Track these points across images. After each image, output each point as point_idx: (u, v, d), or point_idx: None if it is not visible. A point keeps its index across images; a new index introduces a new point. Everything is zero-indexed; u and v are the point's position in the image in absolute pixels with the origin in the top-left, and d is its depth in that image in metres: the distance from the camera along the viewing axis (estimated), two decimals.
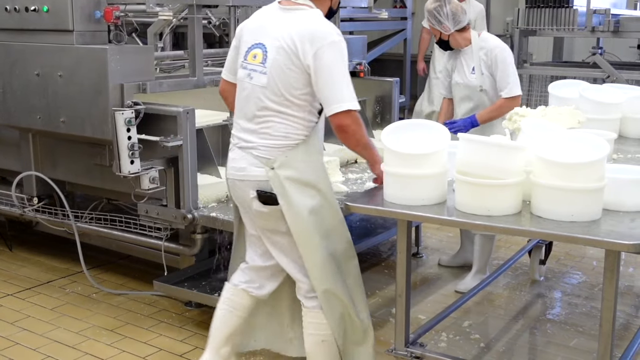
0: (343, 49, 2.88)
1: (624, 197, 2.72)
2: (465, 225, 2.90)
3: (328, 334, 3.06)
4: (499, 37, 4.75)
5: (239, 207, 3.19)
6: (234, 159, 3.08)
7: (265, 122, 2.95)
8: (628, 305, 4.46)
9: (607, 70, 7.49)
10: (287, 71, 2.87)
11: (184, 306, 4.31)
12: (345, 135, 2.92)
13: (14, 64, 4.37)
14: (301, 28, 2.87)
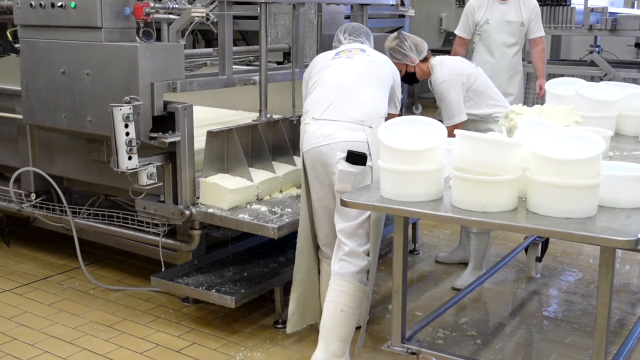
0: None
1: (619, 194, 2.72)
2: (461, 221, 2.91)
3: (348, 305, 3.36)
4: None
5: (315, 181, 3.53)
6: (318, 128, 3.46)
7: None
8: (624, 302, 4.48)
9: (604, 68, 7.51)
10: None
11: (181, 302, 4.33)
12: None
13: (39, 61, 4.26)
14: None
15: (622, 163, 3.10)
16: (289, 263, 4.24)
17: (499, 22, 5.64)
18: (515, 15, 5.62)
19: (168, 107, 3.94)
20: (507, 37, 5.66)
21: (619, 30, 7.52)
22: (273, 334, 3.97)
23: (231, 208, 3.92)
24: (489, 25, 5.64)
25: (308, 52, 5.28)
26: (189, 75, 4.36)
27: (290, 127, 4.50)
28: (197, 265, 4.20)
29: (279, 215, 3.84)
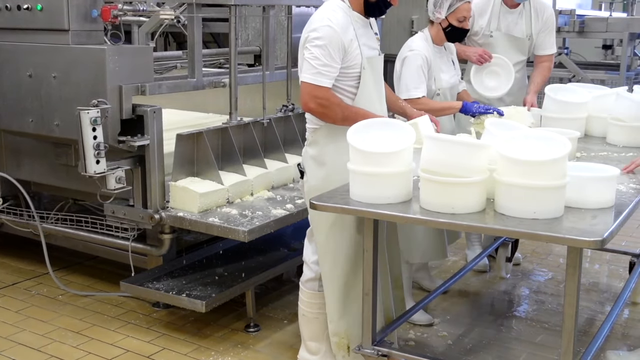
0: (324, 34, 3.05)
1: (585, 195, 2.75)
2: (429, 223, 2.91)
3: (307, 310, 3.44)
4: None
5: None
6: None
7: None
8: (593, 301, 4.52)
9: (572, 70, 7.58)
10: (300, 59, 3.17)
11: (151, 307, 4.29)
12: (315, 116, 3.16)
13: (5, 64, 4.21)
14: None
15: (589, 164, 3.14)
16: (260, 266, 4.24)
17: (505, 35, 4.59)
18: (525, 27, 4.61)
19: (137, 110, 3.92)
20: (514, 54, 4.61)
21: (587, 32, 7.59)
22: (244, 338, 3.95)
23: (201, 211, 3.90)
24: (492, 39, 4.57)
25: (279, 55, 5.28)
26: (158, 78, 4.34)
27: (261, 130, 4.49)
28: (168, 270, 4.17)
29: (250, 219, 3.82)
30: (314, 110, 3.13)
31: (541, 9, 4.63)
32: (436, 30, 3.87)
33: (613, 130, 3.93)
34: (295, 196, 4.23)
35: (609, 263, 5.25)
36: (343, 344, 3.33)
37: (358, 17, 3.22)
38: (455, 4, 3.77)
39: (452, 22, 3.81)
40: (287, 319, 4.17)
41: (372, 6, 3.23)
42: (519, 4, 4.54)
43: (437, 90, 3.89)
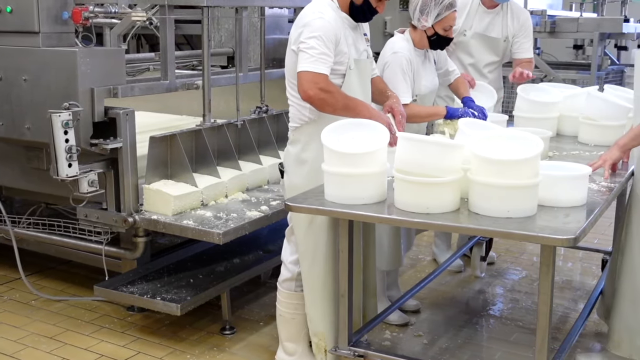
0: (318, 26, 3.07)
1: (558, 193, 2.78)
2: (404, 223, 2.93)
3: (284, 311, 3.46)
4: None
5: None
6: None
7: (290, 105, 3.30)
8: (567, 299, 4.57)
9: (544, 69, 7.66)
10: (288, 57, 3.19)
11: (126, 311, 4.26)
12: (314, 105, 3.12)
13: None
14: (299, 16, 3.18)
15: (561, 163, 3.17)
16: (235, 268, 4.22)
17: (479, 35, 4.60)
18: (502, 29, 4.60)
19: (109, 112, 3.88)
20: (488, 54, 4.66)
21: (558, 32, 7.68)
22: (220, 341, 3.93)
23: (175, 214, 3.87)
24: (464, 37, 4.58)
25: (252, 56, 5.27)
26: (130, 80, 4.30)
27: (235, 132, 4.48)
28: (142, 273, 4.14)
29: (224, 221, 3.81)
30: (314, 98, 3.05)
31: (518, 13, 4.64)
32: (419, 37, 3.79)
33: (584, 129, 3.98)
34: (270, 198, 4.22)
35: (582, 261, 5.31)
36: (321, 347, 3.33)
37: (346, 17, 3.23)
38: (443, 13, 3.69)
39: (438, 30, 3.74)
40: (263, 321, 4.16)
41: (357, 10, 3.24)
42: (497, 4, 4.54)
43: (414, 96, 3.87)
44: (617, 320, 3.45)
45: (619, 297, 3.44)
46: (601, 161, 3.23)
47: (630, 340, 3.39)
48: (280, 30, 5.48)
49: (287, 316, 3.47)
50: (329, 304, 3.29)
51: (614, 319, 3.48)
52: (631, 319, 3.37)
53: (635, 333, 3.36)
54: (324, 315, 3.31)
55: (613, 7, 9.16)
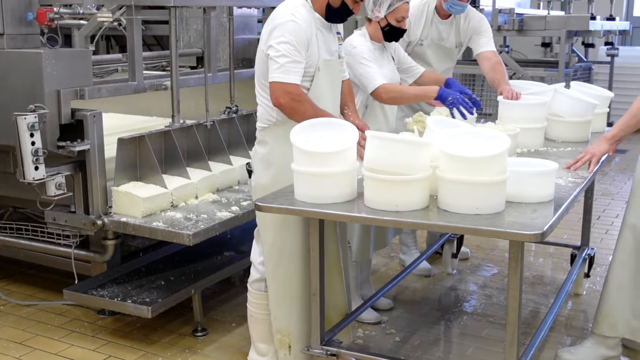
0: (289, 29, 3.05)
1: (525, 189, 2.80)
2: (374, 221, 2.93)
3: (254, 311, 3.45)
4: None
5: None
6: None
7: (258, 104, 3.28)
8: (538, 294, 4.61)
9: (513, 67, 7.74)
10: (259, 57, 3.18)
11: (96, 315, 4.21)
12: (285, 113, 3.12)
13: None
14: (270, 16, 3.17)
15: (528, 159, 3.19)
16: (207, 270, 4.20)
17: (435, 44, 4.55)
18: (455, 37, 4.59)
19: (76, 114, 3.84)
20: (443, 62, 4.62)
21: (526, 30, 7.76)
22: (192, 343, 3.91)
23: (145, 216, 3.84)
24: (422, 47, 4.51)
25: (221, 57, 5.25)
26: (98, 82, 4.26)
27: (204, 132, 4.46)
28: (112, 276, 4.10)
29: (195, 222, 3.79)
30: (284, 107, 3.08)
31: (470, 16, 4.58)
32: (374, 29, 3.86)
33: (552, 125, 4.01)
34: (240, 198, 4.20)
35: (553, 256, 5.36)
36: (285, 342, 3.33)
37: (319, 18, 3.22)
38: (395, 3, 3.77)
39: (391, 21, 3.81)
40: (235, 322, 4.15)
41: (334, 12, 3.23)
42: (450, 14, 4.55)
43: None
44: (603, 302, 3.54)
45: (608, 280, 3.52)
46: (589, 155, 3.25)
47: (625, 321, 3.48)
48: (250, 30, 5.47)
49: (258, 317, 3.46)
50: (294, 303, 3.29)
51: (601, 300, 3.57)
52: (616, 301, 3.46)
53: (630, 315, 3.46)
54: (289, 314, 3.31)
55: (580, 5, 9.27)
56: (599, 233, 5.70)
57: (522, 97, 3.98)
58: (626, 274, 3.45)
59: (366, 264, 4.29)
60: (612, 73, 9.17)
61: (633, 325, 3.48)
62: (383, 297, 4.17)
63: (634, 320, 3.47)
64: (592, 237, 4.78)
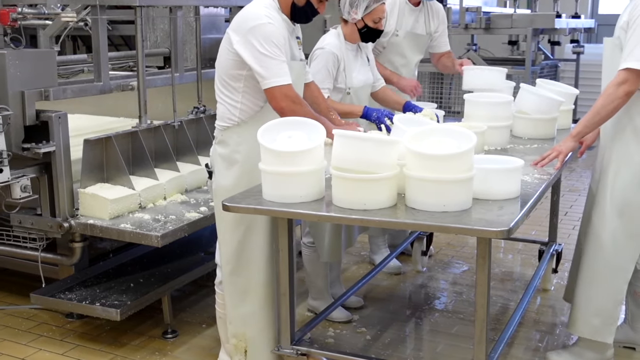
0: (270, 31, 3.04)
1: (492, 186, 2.81)
2: (342, 220, 2.92)
3: (223, 312, 3.41)
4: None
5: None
6: None
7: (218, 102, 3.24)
8: (507, 290, 4.65)
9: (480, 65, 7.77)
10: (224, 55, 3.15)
11: (64, 318, 4.17)
12: (285, 117, 3.08)
13: None
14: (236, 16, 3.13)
15: (495, 156, 3.21)
16: (176, 271, 4.17)
17: (409, 34, 4.60)
18: (425, 25, 4.66)
19: (41, 116, 3.79)
20: (416, 53, 4.71)
21: (493, 28, 7.82)
22: (162, 345, 3.88)
23: (113, 218, 3.81)
24: (397, 38, 4.56)
25: (188, 56, 5.22)
26: (63, 83, 4.21)
27: (172, 133, 4.43)
28: (80, 279, 4.06)
29: (163, 223, 3.76)
30: (285, 110, 3.07)
31: (437, 9, 4.73)
32: (350, 30, 3.85)
33: (518, 123, 4.04)
34: (209, 199, 4.18)
35: (521, 253, 5.41)
36: (240, 347, 3.31)
37: (286, 19, 3.21)
38: (372, 5, 3.76)
39: (368, 22, 3.80)
40: (205, 323, 4.13)
41: (299, 11, 3.21)
42: (420, 2, 4.60)
43: (347, 89, 3.89)
44: (576, 300, 3.56)
45: (579, 280, 3.54)
46: (555, 152, 3.29)
47: (585, 320, 3.49)
48: (217, 29, 5.45)
49: (226, 318, 3.44)
50: (252, 306, 3.27)
51: (575, 299, 3.59)
52: (587, 300, 3.48)
53: (591, 313, 3.47)
54: (246, 318, 3.28)
55: (546, 3, 9.37)
56: (566, 229, 5.76)
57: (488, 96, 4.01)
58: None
59: (336, 263, 4.29)
60: (578, 70, 9.28)
61: (594, 324, 3.49)
62: (353, 296, 4.18)
63: (595, 319, 3.48)
64: (559, 233, 4.83)
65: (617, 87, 3.14)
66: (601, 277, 3.43)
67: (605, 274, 3.42)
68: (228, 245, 3.25)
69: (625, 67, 3.12)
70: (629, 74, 3.12)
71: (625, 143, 3.33)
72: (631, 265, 3.40)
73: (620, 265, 3.39)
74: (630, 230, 3.36)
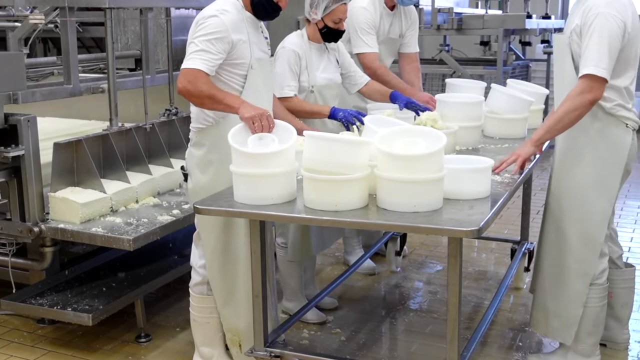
0: (207, 25, 3.05)
1: (462, 186, 2.83)
2: (314, 221, 2.93)
3: (197, 315, 3.42)
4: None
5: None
6: None
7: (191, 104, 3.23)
8: (480, 289, 4.68)
9: (452, 66, 7.83)
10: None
11: (36, 324, 4.12)
12: (185, 98, 3.09)
13: None
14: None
15: (465, 156, 3.23)
16: (149, 275, 4.15)
17: (387, 39, 4.63)
18: (398, 27, 4.68)
19: (10, 119, 3.75)
20: (390, 56, 4.76)
21: (465, 29, 7.86)
22: (135, 349, 3.85)
23: (84, 222, 3.77)
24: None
25: (160, 58, 5.18)
26: (32, 85, 4.16)
27: (144, 135, 4.40)
28: (52, 284, 4.01)
29: (135, 227, 3.73)
30: (181, 91, 3.05)
31: (409, 9, 4.74)
32: (313, 30, 3.88)
33: (489, 123, 4.07)
34: (182, 201, 4.16)
35: (494, 252, 5.45)
36: (235, 341, 3.34)
37: (250, 17, 3.21)
38: (330, 5, 3.78)
39: (328, 23, 3.82)
40: (179, 327, 4.10)
41: (258, 6, 3.21)
42: (395, 5, 4.61)
43: (310, 88, 3.90)
44: (536, 300, 3.58)
45: (539, 280, 3.56)
46: (514, 156, 3.27)
47: (545, 319, 3.51)
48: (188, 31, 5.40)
49: (201, 320, 3.43)
50: (241, 303, 3.29)
51: (534, 299, 3.61)
52: (547, 300, 3.49)
53: (550, 314, 3.48)
54: (236, 315, 3.31)
55: (517, 4, 9.45)
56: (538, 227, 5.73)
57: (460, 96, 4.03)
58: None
59: (310, 264, 4.29)
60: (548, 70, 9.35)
61: (554, 325, 3.49)
62: (328, 297, 4.18)
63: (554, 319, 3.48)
64: (531, 232, 4.87)
65: (581, 95, 3.08)
66: (561, 281, 3.42)
67: (565, 278, 3.40)
68: (211, 245, 3.25)
69: (587, 73, 3.05)
70: (593, 82, 3.05)
71: (580, 146, 3.29)
72: (591, 269, 3.35)
73: (580, 270, 3.36)
74: (587, 234, 3.33)
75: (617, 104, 3.21)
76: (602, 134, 3.25)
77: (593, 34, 3.06)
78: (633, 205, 6.64)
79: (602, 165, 3.28)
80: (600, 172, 3.28)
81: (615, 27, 3.05)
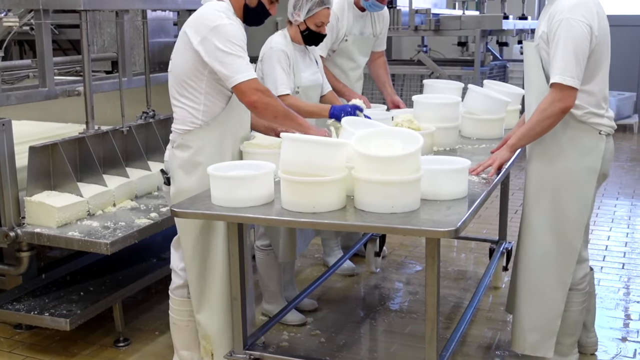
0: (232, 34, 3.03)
1: (439, 187, 2.84)
2: (292, 223, 2.93)
3: (177, 318, 3.42)
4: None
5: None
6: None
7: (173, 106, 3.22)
8: (460, 289, 4.70)
9: (430, 66, 7.86)
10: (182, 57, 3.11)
11: (13, 329, 4.08)
12: (257, 111, 3.08)
13: None
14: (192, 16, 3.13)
15: (442, 157, 3.24)
16: (127, 278, 4.12)
17: (358, 38, 4.68)
18: (372, 27, 4.75)
19: None
20: (364, 56, 4.81)
21: (442, 30, 7.90)
22: (114, 354, 3.83)
23: (60, 226, 3.74)
24: (346, 43, 4.62)
25: (137, 60, 5.16)
26: (7, 89, 4.12)
27: (121, 138, 4.37)
28: (29, 289, 3.98)
29: (112, 230, 3.71)
30: (258, 103, 3.04)
31: (381, 12, 4.77)
32: (295, 31, 3.88)
33: (466, 123, 4.09)
34: (160, 204, 4.14)
35: (474, 251, 5.48)
36: (208, 350, 3.30)
37: (240, 22, 3.20)
38: (314, 9, 3.78)
39: (310, 26, 3.82)
40: (158, 330, 4.08)
41: (251, 13, 3.21)
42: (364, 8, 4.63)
43: (296, 88, 3.90)
44: (515, 316, 3.48)
45: (516, 297, 3.46)
46: (490, 160, 3.27)
47: (524, 337, 3.41)
48: (166, 33, 5.39)
49: (180, 324, 3.41)
50: (215, 309, 3.26)
51: (513, 315, 3.51)
52: (524, 317, 3.40)
53: (527, 330, 3.40)
54: (210, 321, 3.27)
55: (494, 5, 9.50)
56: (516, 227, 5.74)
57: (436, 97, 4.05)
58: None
59: (290, 266, 4.29)
60: None
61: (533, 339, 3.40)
62: (307, 298, 4.18)
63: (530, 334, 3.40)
64: (509, 231, 4.90)
65: (552, 104, 3.05)
66: (537, 292, 3.35)
67: (541, 289, 3.34)
68: (190, 248, 3.23)
69: (556, 81, 3.02)
70: (563, 91, 3.02)
71: (552, 154, 3.24)
72: (568, 277, 3.31)
73: (558, 279, 3.31)
74: (563, 244, 3.29)
75: (588, 111, 3.16)
76: (573, 142, 3.20)
77: (559, 42, 3.03)
78: (609, 204, 6.71)
79: (575, 173, 3.24)
80: (572, 180, 3.24)
81: (580, 32, 3.01)
